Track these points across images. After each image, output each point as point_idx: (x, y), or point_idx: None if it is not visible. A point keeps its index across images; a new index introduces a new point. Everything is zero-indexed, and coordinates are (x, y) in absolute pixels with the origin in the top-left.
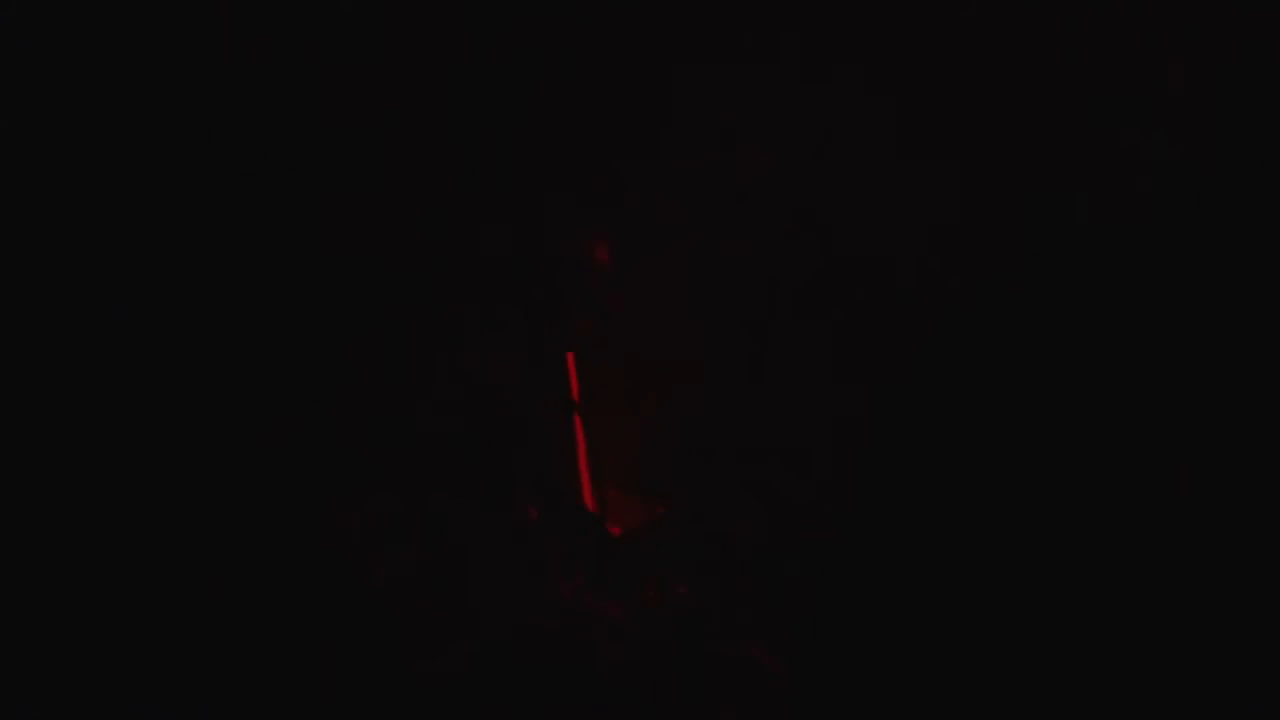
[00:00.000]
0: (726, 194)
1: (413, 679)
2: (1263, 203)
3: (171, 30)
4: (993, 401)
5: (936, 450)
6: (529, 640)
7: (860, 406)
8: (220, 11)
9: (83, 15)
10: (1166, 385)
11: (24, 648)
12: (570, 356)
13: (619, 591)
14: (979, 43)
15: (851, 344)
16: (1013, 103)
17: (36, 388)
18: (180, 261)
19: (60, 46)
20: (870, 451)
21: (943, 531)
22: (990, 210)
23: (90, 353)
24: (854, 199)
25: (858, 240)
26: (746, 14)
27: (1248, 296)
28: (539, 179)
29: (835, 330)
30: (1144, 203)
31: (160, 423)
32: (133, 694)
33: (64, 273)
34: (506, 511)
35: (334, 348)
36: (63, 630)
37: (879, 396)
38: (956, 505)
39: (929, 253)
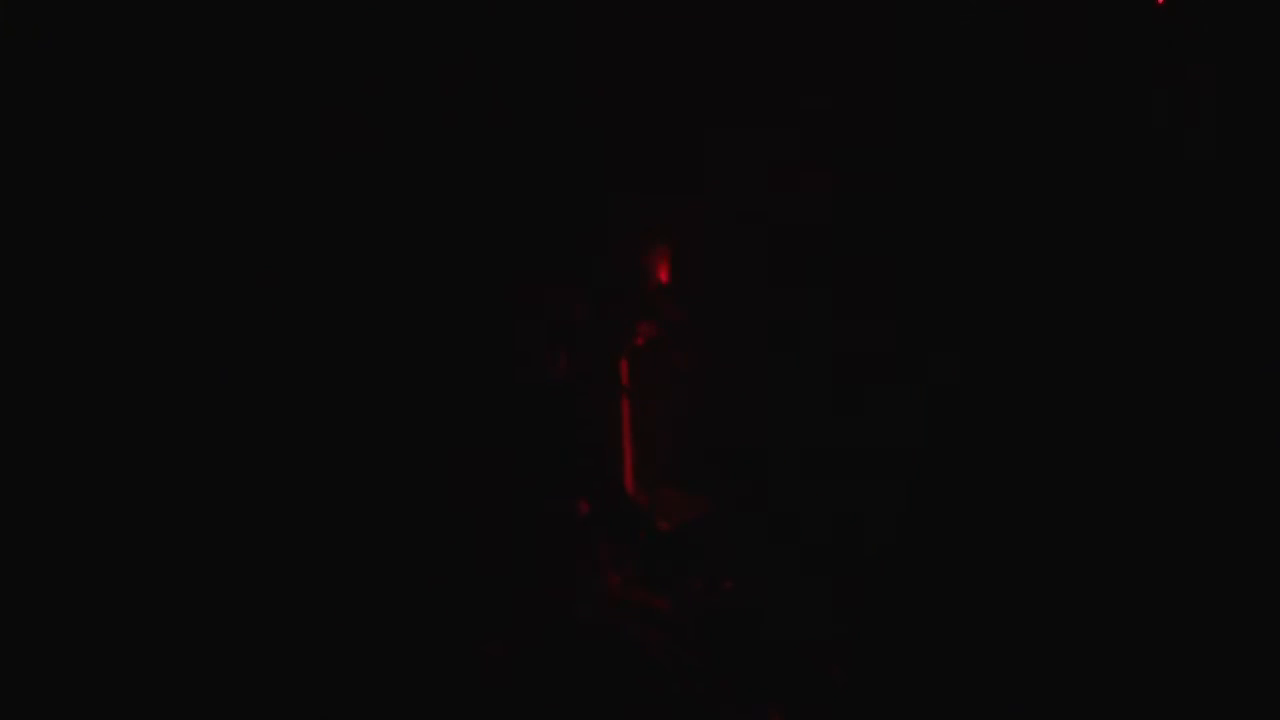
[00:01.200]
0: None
1: (463, 667)
2: None
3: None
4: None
5: (1005, 460)
6: (578, 631)
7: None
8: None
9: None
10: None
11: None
12: (625, 359)
13: (667, 585)
14: None
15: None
16: None
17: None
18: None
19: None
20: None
21: (1019, 543)
22: None
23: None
24: None
25: None
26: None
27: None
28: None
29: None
30: None
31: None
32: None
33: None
34: (558, 505)
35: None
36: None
37: (943, 405)
38: (1028, 517)
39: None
